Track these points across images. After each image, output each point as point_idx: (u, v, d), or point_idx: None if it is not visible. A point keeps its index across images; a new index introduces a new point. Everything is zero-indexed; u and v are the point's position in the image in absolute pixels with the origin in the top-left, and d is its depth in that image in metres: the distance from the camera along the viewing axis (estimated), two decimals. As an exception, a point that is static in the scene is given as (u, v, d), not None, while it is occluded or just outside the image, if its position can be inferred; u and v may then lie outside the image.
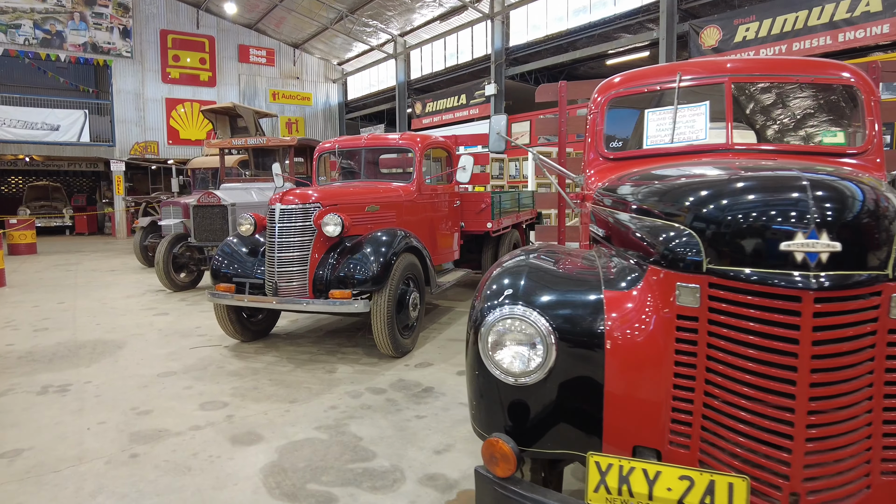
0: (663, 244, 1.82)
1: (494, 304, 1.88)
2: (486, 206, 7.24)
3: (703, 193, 1.78)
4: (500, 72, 14.97)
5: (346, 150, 6.52)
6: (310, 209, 4.98)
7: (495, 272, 2.13)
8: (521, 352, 1.81)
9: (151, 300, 8.08)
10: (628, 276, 1.94)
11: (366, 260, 4.82)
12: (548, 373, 1.78)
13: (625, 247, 2.17)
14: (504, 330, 1.82)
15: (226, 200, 8.18)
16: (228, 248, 5.40)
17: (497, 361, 1.82)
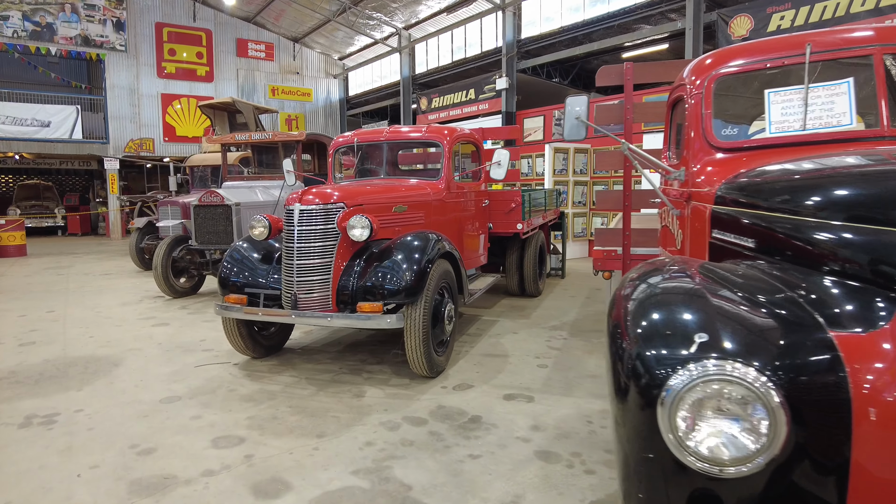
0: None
1: (679, 357, 1.27)
2: (517, 205, 6.66)
3: None
4: (511, 65, 14.37)
5: (365, 145, 5.91)
6: (333, 210, 4.37)
7: (643, 297, 1.54)
8: (733, 430, 1.21)
9: (149, 308, 7.45)
10: (860, 308, 1.34)
11: (398, 268, 4.22)
12: (773, 456, 1.18)
13: (824, 264, 1.58)
14: (706, 397, 1.22)
15: (230, 200, 7.56)
16: (238, 255, 4.79)
17: (694, 447, 1.21)
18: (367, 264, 4.39)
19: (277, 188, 8.49)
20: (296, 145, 8.54)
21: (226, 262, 4.75)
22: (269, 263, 4.71)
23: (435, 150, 5.78)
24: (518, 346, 5.50)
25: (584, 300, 7.71)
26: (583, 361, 5.04)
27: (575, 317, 6.75)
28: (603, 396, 4.20)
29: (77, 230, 20.33)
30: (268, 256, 4.76)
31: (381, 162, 5.95)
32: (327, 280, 4.32)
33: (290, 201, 4.37)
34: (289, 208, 4.36)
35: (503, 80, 14.31)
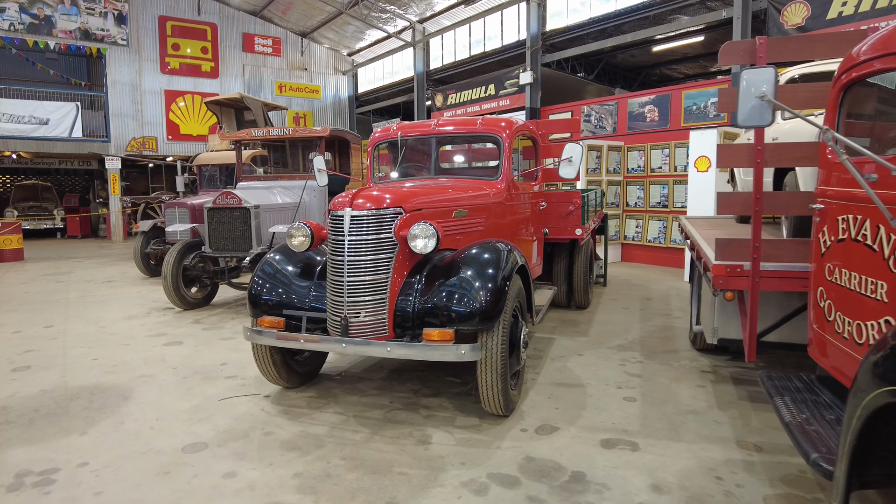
0: None
1: None
2: (576, 208, 5.91)
3: None
4: (535, 59, 13.62)
5: (410, 139, 5.15)
6: (389, 216, 3.62)
7: None
8: None
9: (159, 322, 6.68)
10: None
11: (469, 286, 3.46)
12: None
13: None
14: None
15: (248, 202, 6.80)
16: (271, 268, 4.03)
17: None
18: (429, 281, 3.63)
19: (298, 189, 7.74)
20: (318, 142, 7.78)
21: (257, 278, 4.00)
22: (309, 279, 3.95)
23: (491, 144, 5.04)
24: (590, 373, 4.75)
25: (640, 313, 6.96)
26: (674, 392, 4.30)
27: (639, 334, 6.00)
28: (721, 441, 3.46)
29: (77, 232, 19.54)
30: (307, 271, 4.01)
31: (427, 159, 5.20)
32: (383, 301, 3.57)
33: (339, 205, 3.62)
34: (336, 214, 3.60)
35: (527, 74, 13.55)
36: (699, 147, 9.23)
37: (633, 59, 15.29)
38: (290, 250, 4.15)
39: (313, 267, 4.02)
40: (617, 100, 11.98)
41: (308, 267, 4.03)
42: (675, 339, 5.84)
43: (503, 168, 4.80)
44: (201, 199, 10.08)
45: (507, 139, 4.84)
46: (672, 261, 10.69)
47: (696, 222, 6.15)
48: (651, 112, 11.38)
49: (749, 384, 4.47)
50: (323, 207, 7.92)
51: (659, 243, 11.01)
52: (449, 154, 5.91)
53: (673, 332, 6.12)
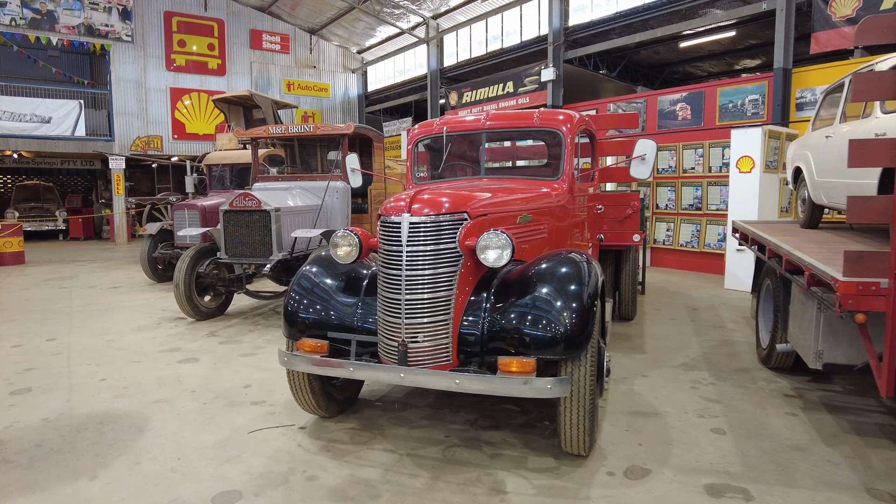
0: None
1: None
2: (634, 211, 5.36)
3: None
4: (558, 55, 13.07)
5: (458, 134, 4.61)
6: (452, 223, 3.08)
7: None
8: None
9: (171, 335, 6.14)
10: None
11: (550, 306, 2.93)
12: None
13: None
14: None
15: (268, 204, 6.26)
16: (309, 282, 3.49)
17: None
18: (499, 300, 3.10)
19: (318, 190, 7.21)
20: (341, 140, 7.24)
21: (295, 294, 3.46)
22: (354, 295, 3.41)
23: (549, 140, 4.50)
24: (663, 398, 4.21)
25: (691, 325, 6.42)
26: (764, 422, 3.77)
27: (700, 350, 5.46)
28: (847, 488, 2.92)
29: (79, 234, 18.99)
30: (352, 285, 3.47)
31: (474, 157, 4.66)
32: (446, 322, 3.03)
33: (394, 210, 3.08)
34: (391, 220, 3.07)
35: (549, 70, 13.01)
36: (741, 147, 8.68)
37: (658, 56, 14.74)
38: (329, 261, 3.62)
39: (358, 280, 3.48)
40: (646, 97, 11.43)
41: (353, 281, 3.49)
42: (740, 356, 5.30)
43: (564, 167, 4.26)
44: (212, 201, 9.56)
45: (569, 134, 4.30)
46: (707, 266, 10.15)
47: (758, 227, 5.61)
48: (683, 110, 10.83)
49: (848, 413, 3.93)
50: (346, 210, 7.39)
51: (692, 247, 10.46)
52: (498, 151, 5.37)
53: (734, 347, 5.59)
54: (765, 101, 9.69)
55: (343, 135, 7.20)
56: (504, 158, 5.61)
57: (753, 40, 13.15)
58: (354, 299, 3.38)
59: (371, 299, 3.34)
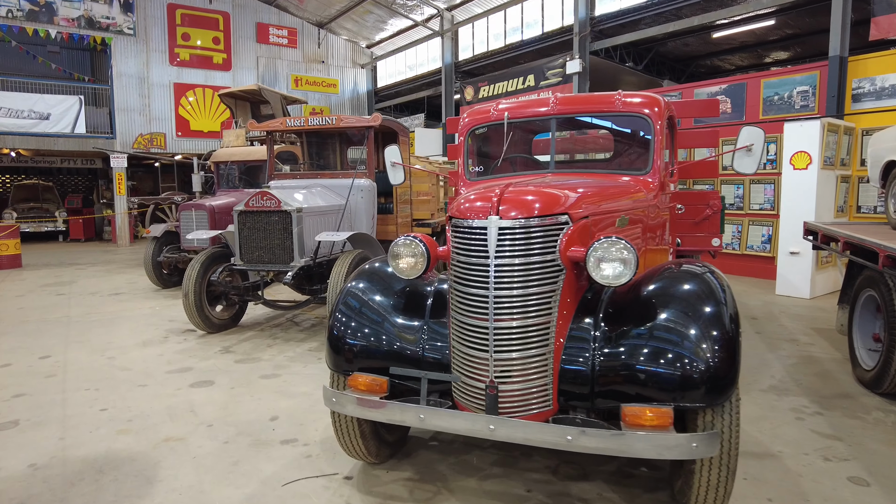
0: None
1: None
2: (714, 212, 4.68)
3: None
4: (584, 45, 12.38)
5: (520, 122, 3.93)
6: (553, 228, 2.41)
7: None
8: None
9: (180, 351, 5.47)
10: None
11: (683, 336, 2.25)
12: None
13: None
14: None
15: (289, 204, 5.58)
16: (357, 301, 2.83)
17: None
18: (611, 326, 2.41)
19: (340, 189, 6.53)
20: (366, 134, 6.55)
21: (341, 315, 2.78)
22: (415, 317, 2.73)
23: (633, 127, 3.82)
24: (769, 433, 3.54)
25: (758, 338, 5.75)
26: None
27: (782, 369, 4.79)
28: None
29: (80, 235, 18.31)
30: (412, 306, 2.79)
31: (540, 148, 3.97)
32: (546, 356, 2.35)
33: (474, 212, 2.40)
34: (472, 225, 2.39)
35: (575, 62, 12.31)
36: (796, 141, 7.98)
37: (686, 49, 14.05)
38: (380, 274, 2.94)
39: (420, 299, 2.80)
40: (681, 90, 10.74)
41: (413, 299, 2.81)
42: (833, 377, 4.63)
43: (654, 159, 3.57)
44: (221, 201, 8.89)
45: (658, 119, 3.62)
46: (750, 269, 9.45)
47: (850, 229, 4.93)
48: (723, 103, 10.14)
49: None
50: (371, 210, 6.71)
51: (732, 249, 9.76)
52: (567, 142, 4.68)
53: (821, 365, 4.91)
54: (816, 92, 9.00)
55: (369, 127, 6.51)
56: (571, 150, 4.91)
57: (790, 30, 12.45)
58: (418, 323, 2.70)
59: (439, 324, 2.66)
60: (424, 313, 2.74)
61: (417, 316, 2.73)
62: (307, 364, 5.01)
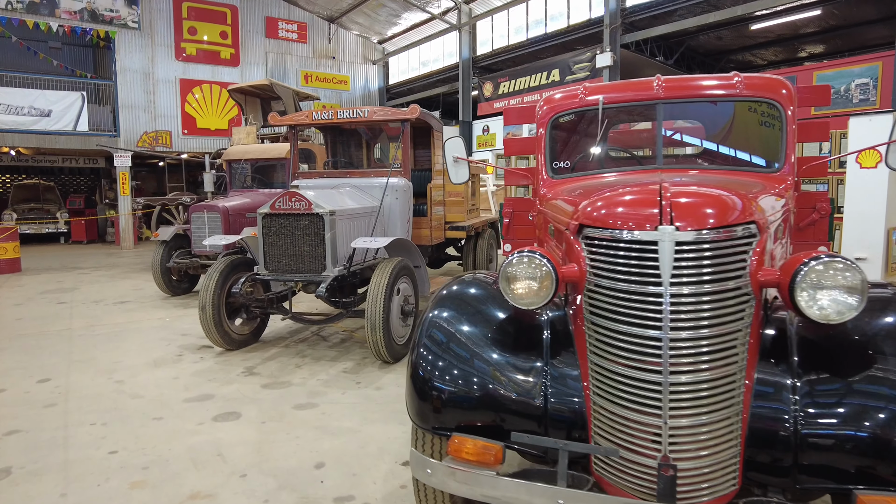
0: None
1: None
2: (822, 216, 4.00)
3: None
4: (615, 38, 11.72)
5: (619, 107, 3.27)
6: (740, 242, 1.75)
7: None
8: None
9: (198, 372, 4.81)
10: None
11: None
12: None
13: None
14: None
15: (320, 206, 4.93)
16: (444, 334, 2.20)
17: None
18: (809, 374, 1.76)
19: (372, 189, 5.89)
20: (402, 128, 5.90)
21: (426, 352, 2.14)
22: (532, 358, 2.06)
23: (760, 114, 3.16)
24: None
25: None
26: None
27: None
28: None
29: (82, 237, 17.66)
30: (522, 341, 2.12)
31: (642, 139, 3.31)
32: (734, 421, 1.69)
33: (639, 220, 1.75)
34: (637, 238, 1.73)
35: (606, 55, 11.65)
36: (864, 138, 7.32)
37: (719, 42, 13.39)
38: (471, 299, 2.29)
39: (532, 332, 2.13)
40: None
41: (522, 331, 2.14)
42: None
43: (786, 153, 2.91)
44: (235, 202, 8.24)
45: (790, 105, 2.97)
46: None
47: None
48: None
49: None
50: (406, 213, 6.06)
51: (783, 255, 9.08)
52: (674, 131, 4.01)
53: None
54: (877, 84, 8.34)
55: (405, 120, 5.86)
56: (673, 142, 4.24)
57: (834, 21, 11.78)
58: (533, 364, 2.03)
59: (565, 365, 2.00)
60: (541, 351, 2.07)
61: (531, 354, 2.07)
62: (345, 390, 4.35)
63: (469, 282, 2.41)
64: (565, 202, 2.46)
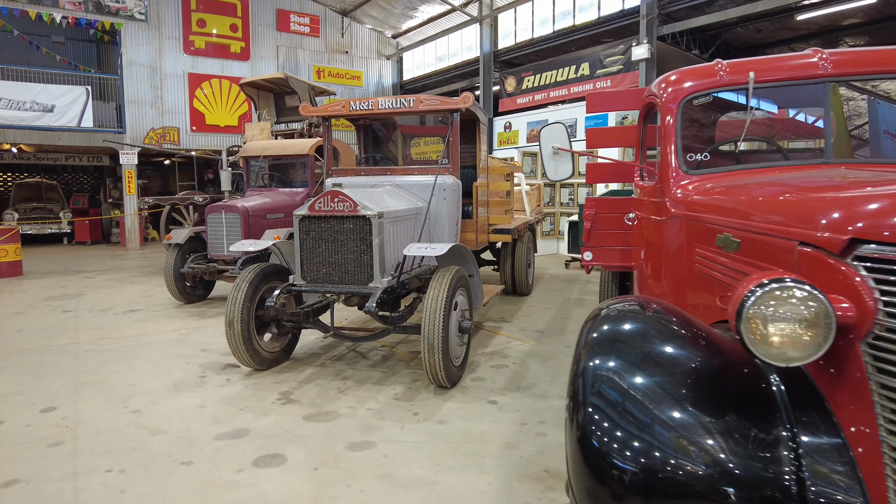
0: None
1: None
2: None
3: None
4: (651, 29, 11.06)
5: (773, 86, 2.62)
6: None
7: None
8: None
9: (227, 399, 4.15)
10: None
11: None
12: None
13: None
14: None
15: (367, 208, 4.28)
16: (619, 392, 1.53)
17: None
18: None
19: (418, 188, 5.24)
20: (450, 120, 5.25)
21: (599, 416, 1.48)
22: (765, 426, 1.40)
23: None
24: None
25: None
26: None
27: None
28: None
29: (86, 238, 17.03)
30: (743, 402, 1.46)
31: (801, 127, 2.66)
32: None
33: None
34: None
35: (643, 47, 10.98)
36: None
37: (758, 35, 12.72)
38: (649, 339, 1.64)
39: (755, 389, 1.47)
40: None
41: (739, 389, 1.48)
42: None
43: None
44: (255, 202, 7.59)
45: None
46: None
47: None
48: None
49: None
50: (455, 215, 5.41)
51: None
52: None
53: None
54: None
55: (455, 111, 5.21)
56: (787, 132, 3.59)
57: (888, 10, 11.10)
58: (773, 434, 1.37)
59: (822, 433, 1.34)
60: (773, 413, 1.41)
61: (762, 422, 1.41)
62: (403, 424, 3.70)
63: (635, 314, 1.76)
64: (780, 204, 1.80)
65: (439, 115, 5.45)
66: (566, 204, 12.32)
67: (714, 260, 2.16)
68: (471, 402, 4.06)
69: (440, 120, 6.62)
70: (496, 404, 4.01)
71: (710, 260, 2.20)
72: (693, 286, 2.40)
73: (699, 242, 2.32)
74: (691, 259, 2.40)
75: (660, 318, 1.74)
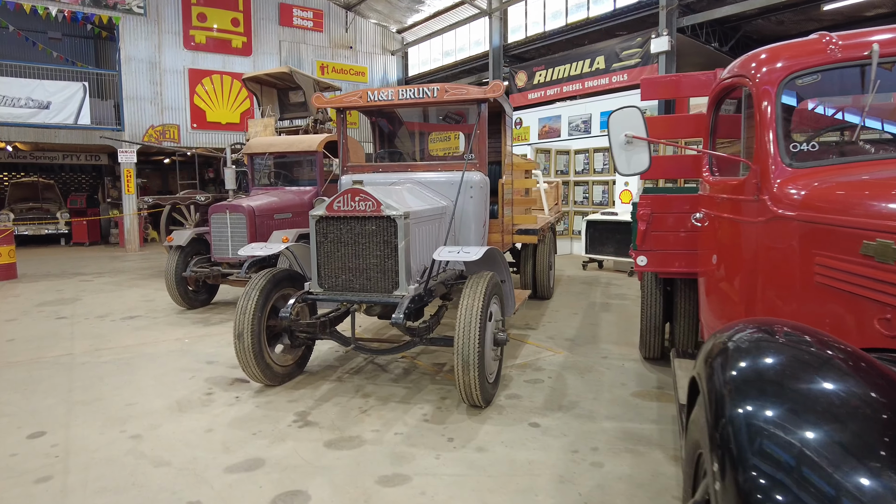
0: None
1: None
2: None
3: None
4: (672, 20, 10.64)
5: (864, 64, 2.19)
6: None
7: None
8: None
9: (237, 422, 3.72)
10: None
11: None
12: None
13: None
14: None
15: (392, 207, 3.85)
16: (787, 450, 1.13)
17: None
18: None
19: (442, 186, 4.81)
20: (478, 111, 4.82)
21: (768, 483, 1.08)
22: None
23: None
24: None
25: None
26: None
27: None
28: None
29: (84, 239, 16.58)
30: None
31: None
32: None
33: None
34: None
35: (663, 39, 10.56)
36: None
37: (780, 28, 12.27)
38: (811, 375, 1.21)
39: None
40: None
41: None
42: None
43: None
44: (261, 201, 7.16)
45: None
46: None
47: None
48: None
49: None
50: (482, 215, 4.99)
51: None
52: None
53: None
54: None
55: (481, 100, 4.78)
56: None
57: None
58: None
59: None
60: None
61: None
62: (438, 452, 3.27)
63: (778, 343, 1.35)
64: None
65: (465, 105, 5.01)
66: (580, 203, 11.90)
67: (856, 272, 1.73)
68: (510, 424, 3.64)
69: (454, 114, 6.20)
70: (539, 427, 3.58)
71: (847, 272, 1.78)
72: (813, 302, 1.97)
73: (825, 250, 1.90)
74: (808, 269, 1.98)
75: (812, 347, 1.34)
